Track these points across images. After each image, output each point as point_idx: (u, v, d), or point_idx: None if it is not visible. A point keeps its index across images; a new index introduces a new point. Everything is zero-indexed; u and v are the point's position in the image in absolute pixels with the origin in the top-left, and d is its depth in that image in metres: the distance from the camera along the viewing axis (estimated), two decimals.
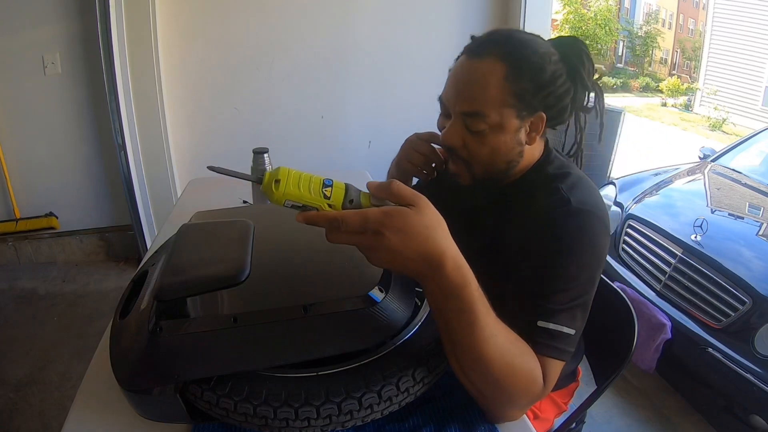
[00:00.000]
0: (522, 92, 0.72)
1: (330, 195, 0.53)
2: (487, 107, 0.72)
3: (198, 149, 2.57)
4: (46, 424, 1.60)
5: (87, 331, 2.04)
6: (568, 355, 0.65)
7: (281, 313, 0.58)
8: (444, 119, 0.80)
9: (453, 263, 0.53)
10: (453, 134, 0.76)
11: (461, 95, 0.74)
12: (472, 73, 0.73)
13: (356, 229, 0.50)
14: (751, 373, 1.50)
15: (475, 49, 0.74)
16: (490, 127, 0.73)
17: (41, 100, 2.35)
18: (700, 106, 12.15)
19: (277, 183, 0.52)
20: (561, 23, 15.87)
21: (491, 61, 0.72)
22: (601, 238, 0.70)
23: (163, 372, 0.57)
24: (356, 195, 0.54)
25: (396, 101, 2.65)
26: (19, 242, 2.58)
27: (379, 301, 0.59)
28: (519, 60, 0.71)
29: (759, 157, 2.67)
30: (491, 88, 0.71)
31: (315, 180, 0.54)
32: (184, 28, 2.34)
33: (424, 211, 0.52)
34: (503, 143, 0.75)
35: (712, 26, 12.21)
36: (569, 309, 0.65)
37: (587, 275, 0.67)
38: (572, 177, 0.76)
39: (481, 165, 0.77)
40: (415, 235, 0.51)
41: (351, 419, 0.56)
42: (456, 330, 0.55)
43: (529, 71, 0.71)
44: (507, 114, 0.73)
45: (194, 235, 0.74)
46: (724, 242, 1.86)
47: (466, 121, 0.74)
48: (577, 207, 0.70)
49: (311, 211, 0.52)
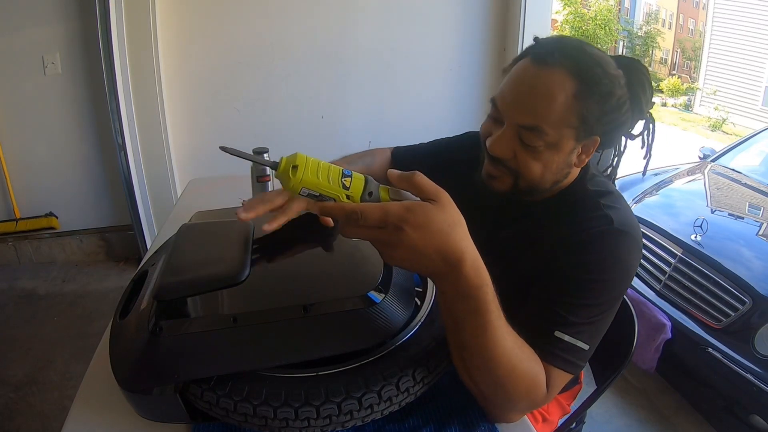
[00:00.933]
0: (587, 114, 0.67)
1: (349, 185, 0.50)
2: (548, 124, 0.67)
3: (198, 149, 2.57)
4: (46, 424, 1.60)
5: (87, 331, 2.04)
6: (578, 369, 0.65)
7: (281, 313, 0.58)
8: (493, 124, 0.74)
9: (472, 263, 0.51)
10: (504, 145, 0.71)
11: (523, 106, 0.68)
12: (538, 84, 0.67)
13: (375, 224, 0.48)
14: (751, 373, 1.50)
15: (545, 56, 0.67)
16: (546, 144, 0.68)
17: (41, 100, 2.35)
18: (700, 106, 12.15)
19: (294, 169, 0.49)
20: (561, 23, 15.87)
21: (562, 74, 0.66)
22: (635, 261, 0.69)
23: (163, 372, 0.57)
24: (375, 188, 0.52)
25: (396, 101, 2.66)
26: (19, 242, 2.58)
27: (379, 301, 0.59)
28: (591, 79, 0.66)
29: (759, 157, 2.67)
30: (557, 104, 0.66)
31: (334, 169, 0.51)
32: (184, 28, 2.34)
33: (445, 207, 0.50)
34: (555, 163, 0.71)
35: (712, 26, 12.21)
36: (588, 324, 0.65)
37: (614, 295, 0.67)
38: (614, 195, 0.75)
39: (528, 180, 0.73)
40: (436, 232, 0.48)
41: (351, 419, 0.56)
42: (467, 331, 0.55)
43: (598, 93, 0.67)
44: (566, 134, 0.68)
45: (194, 235, 0.74)
46: (724, 242, 1.86)
47: (522, 134, 0.69)
48: (618, 228, 0.68)
49: (328, 202, 0.50)
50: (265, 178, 1.24)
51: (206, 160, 2.57)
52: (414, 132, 2.65)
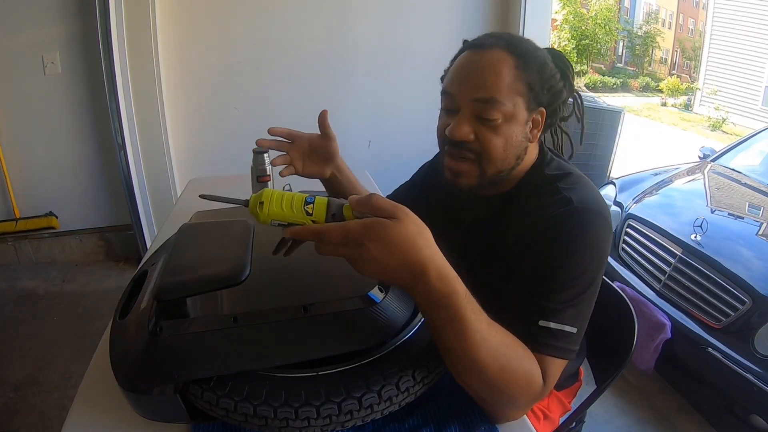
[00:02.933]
0: (531, 82, 0.72)
1: (312, 211, 0.55)
2: (501, 93, 0.71)
3: (198, 149, 2.57)
4: (46, 424, 1.60)
5: (87, 331, 2.04)
6: (571, 353, 0.65)
7: (281, 313, 0.59)
8: (447, 116, 0.77)
9: (437, 273, 0.52)
10: (464, 127, 0.73)
11: (474, 83, 0.73)
12: (483, 62, 0.72)
13: (339, 241, 0.52)
14: (751, 373, 1.50)
15: (480, 43, 0.75)
16: (504, 116, 0.72)
17: (41, 100, 2.36)
18: (700, 105, 12.15)
19: (261, 205, 0.55)
20: (561, 23, 15.88)
21: (500, 52, 0.72)
22: (604, 236, 0.69)
23: (163, 372, 0.57)
24: (338, 209, 0.56)
25: (396, 101, 2.66)
26: (19, 242, 2.58)
27: (379, 301, 0.60)
28: (526, 52, 0.73)
29: (759, 157, 2.67)
30: (505, 75, 0.71)
31: (297, 198, 0.56)
32: (184, 27, 2.34)
33: (403, 221, 0.52)
34: (515, 134, 0.74)
35: (712, 26, 12.21)
36: (571, 307, 0.65)
37: (589, 273, 0.67)
38: (573, 176, 0.76)
39: (493, 160, 0.74)
40: (395, 245, 0.51)
41: (351, 419, 0.56)
42: (447, 337, 0.56)
43: (535, 63, 0.73)
44: (518, 103, 0.72)
45: (194, 235, 0.74)
46: (724, 242, 1.86)
47: (479, 109, 0.72)
48: (579, 206, 0.69)
49: (296, 227, 0.55)
50: (265, 178, 1.24)
51: (206, 159, 2.57)
52: (414, 132, 2.67)
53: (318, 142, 0.98)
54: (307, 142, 0.98)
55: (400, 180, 1.10)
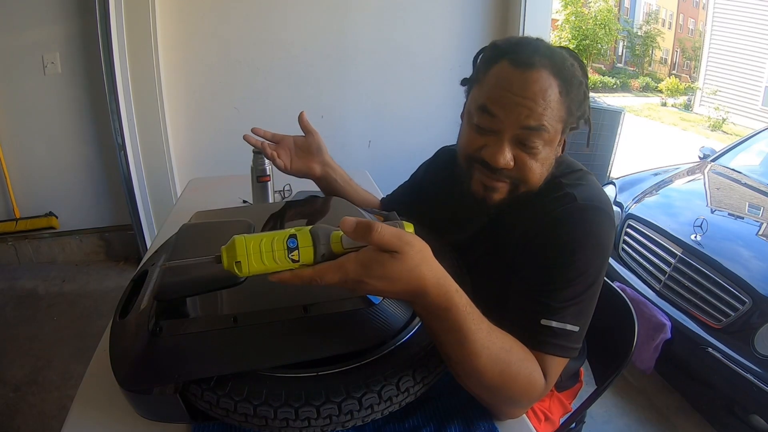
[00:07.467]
0: (571, 106, 0.71)
1: (298, 258, 0.50)
2: (549, 121, 0.69)
3: (198, 149, 2.57)
4: (46, 424, 1.60)
5: (87, 331, 2.04)
6: (573, 351, 0.65)
7: (281, 313, 0.58)
8: (481, 135, 0.72)
9: (437, 290, 0.52)
10: (506, 155, 0.70)
11: (525, 108, 0.68)
12: (533, 87, 0.67)
13: (336, 283, 0.50)
14: (751, 373, 1.50)
15: (526, 61, 0.68)
16: (545, 142, 0.70)
17: (41, 100, 2.35)
18: (700, 106, 12.15)
19: (238, 265, 0.49)
20: (561, 23, 15.87)
21: (547, 74, 0.68)
22: (607, 233, 0.69)
23: (163, 372, 0.57)
24: (326, 245, 0.51)
25: (396, 101, 2.65)
26: (19, 242, 2.58)
27: (378, 301, 0.59)
28: (568, 74, 0.70)
29: (759, 157, 2.67)
30: (553, 102, 0.68)
31: (277, 246, 0.49)
32: (184, 27, 2.34)
33: (407, 255, 0.50)
34: (550, 157, 0.73)
35: (712, 26, 12.21)
36: (573, 305, 0.65)
37: (592, 271, 0.67)
38: (577, 174, 0.76)
39: (529, 183, 0.73)
40: (397, 279, 0.50)
41: (351, 419, 0.56)
42: (447, 345, 0.56)
43: (574, 87, 0.70)
44: (558, 128, 0.71)
45: (194, 234, 0.74)
46: (724, 242, 1.86)
47: (524, 136, 0.69)
48: (582, 203, 0.69)
49: (284, 274, 0.50)
50: (265, 178, 1.24)
51: (206, 159, 2.57)
52: (414, 132, 2.67)
53: (302, 139, 1.01)
54: (292, 140, 1.01)
55: (400, 180, 1.10)
